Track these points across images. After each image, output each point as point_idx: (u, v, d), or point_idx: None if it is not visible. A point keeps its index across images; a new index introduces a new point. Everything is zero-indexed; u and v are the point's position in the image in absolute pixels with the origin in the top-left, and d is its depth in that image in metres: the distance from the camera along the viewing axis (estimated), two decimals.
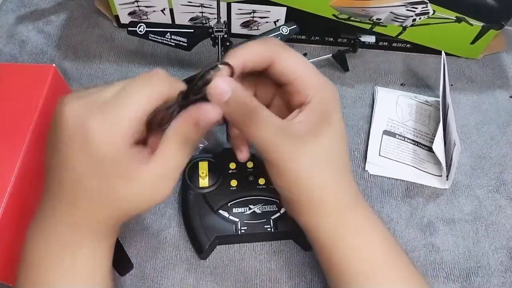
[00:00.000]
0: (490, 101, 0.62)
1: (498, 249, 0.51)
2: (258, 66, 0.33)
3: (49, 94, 0.50)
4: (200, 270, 0.48)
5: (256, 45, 0.33)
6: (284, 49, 0.33)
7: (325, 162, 0.32)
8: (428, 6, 0.58)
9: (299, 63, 0.33)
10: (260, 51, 0.32)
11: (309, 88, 0.32)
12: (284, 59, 0.32)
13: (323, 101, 0.32)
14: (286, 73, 0.32)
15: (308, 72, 0.32)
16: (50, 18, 0.68)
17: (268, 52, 0.32)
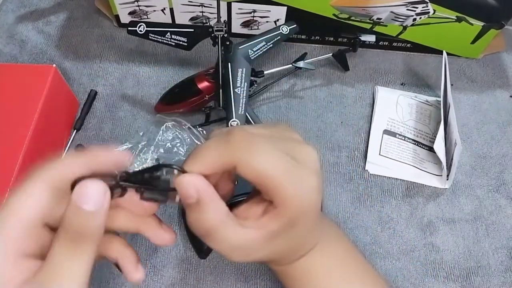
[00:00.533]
0: (490, 101, 0.62)
1: (498, 248, 0.51)
2: (221, 172, 0.29)
3: (49, 94, 0.50)
4: (200, 270, 0.48)
5: (213, 152, 0.28)
6: (247, 152, 0.27)
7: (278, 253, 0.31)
8: (428, 5, 0.58)
9: (267, 169, 0.27)
10: (217, 159, 0.28)
11: (278, 197, 0.28)
12: (247, 166, 0.27)
13: (292, 210, 0.28)
14: (251, 180, 0.28)
15: (278, 179, 0.27)
16: (50, 18, 0.68)
17: (228, 158, 0.27)
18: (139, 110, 0.59)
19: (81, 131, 0.57)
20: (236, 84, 0.49)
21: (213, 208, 0.28)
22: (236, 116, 0.47)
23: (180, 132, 0.54)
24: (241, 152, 0.27)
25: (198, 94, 0.54)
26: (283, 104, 0.61)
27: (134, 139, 0.54)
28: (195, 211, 0.28)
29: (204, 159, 0.28)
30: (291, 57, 0.63)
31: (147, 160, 0.52)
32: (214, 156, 0.28)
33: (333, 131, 0.59)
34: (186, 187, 0.27)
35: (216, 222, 0.28)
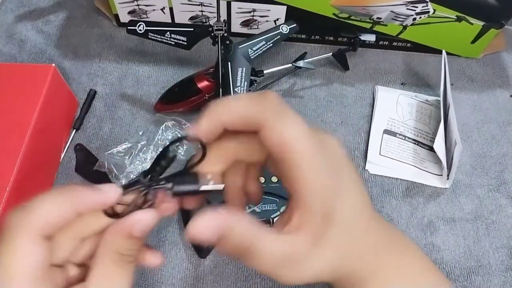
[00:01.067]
0: (490, 100, 0.62)
1: (499, 248, 0.51)
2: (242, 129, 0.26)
3: (49, 94, 0.50)
4: (200, 269, 0.48)
5: (244, 103, 0.26)
6: (278, 116, 0.25)
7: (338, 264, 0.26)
8: (428, 5, 0.58)
9: (291, 139, 0.24)
10: (245, 112, 0.25)
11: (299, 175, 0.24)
12: (274, 131, 0.24)
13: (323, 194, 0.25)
14: (271, 149, 0.25)
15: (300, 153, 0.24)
16: (49, 18, 0.67)
17: (256, 116, 0.25)
18: (138, 109, 0.59)
19: (80, 131, 0.57)
20: (236, 84, 0.49)
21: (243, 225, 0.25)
22: None
23: (179, 132, 0.54)
24: (274, 113, 0.25)
25: (198, 93, 0.54)
26: None
27: (133, 138, 0.53)
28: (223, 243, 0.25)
29: (226, 109, 0.26)
30: (291, 57, 0.63)
31: (146, 160, 0.52)
32: (243, 107, 0.25)
33: (333, 131, 0.58)
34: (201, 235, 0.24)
35: (249, 237, 0.25)
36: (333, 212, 0.25)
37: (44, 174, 0.51)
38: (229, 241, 0.25)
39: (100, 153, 0.54)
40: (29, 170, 0.46)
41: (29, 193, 0.47)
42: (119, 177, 0.50)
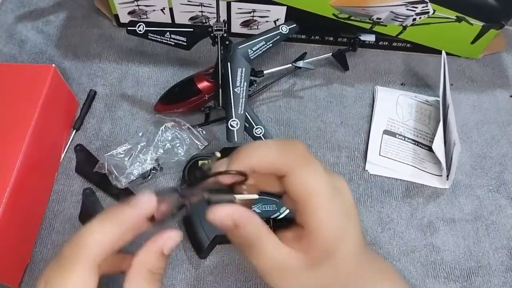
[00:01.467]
0: (490, 101, 0.62)
1: (499, 248, 0.51)
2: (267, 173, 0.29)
3: (49, 94, 0.50)
4: (200, 270, 0.48)
5: (272, 150, 0.29)
6: (301, 164, 0.28)
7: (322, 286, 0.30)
8: (428, 5, 0.58)
9: (314, 188, 0.28)
10: (274, 159, 0.28)
11: (318, 217, 0.28)
12: (297, 178, 0.28)
13: (328, 236, 0.28)
14: (294, 193, 0.28)
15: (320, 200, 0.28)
16: (49, 18, 0.67)
17: (282, 163, 0.28)
18: (138, 110, 0.59)
19: (80, 131, 0.57)
20: (235, 84, 0.49)
21: (252, 225, 0.29)
22: (236, 116, 0.47)
23: (179, 132, 0.54)
24: (300, 162, 0.28)
25: (198, 94, 0.54)
26: (283, 104, 0.61)
27: (133, 139, 0.53)
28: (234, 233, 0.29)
29: (262, 153, 0.28)
30: (290, 57, 0.63)
31: (146, 161, 0.52)
32: (272, 156, 0.28)
33: (333, 131, 0.58)
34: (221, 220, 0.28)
35: (258, 235, 0.28)
36: (335, 252, 0.28)
37: (44, 174, 0.51)
38: (239, 233, 0.28)
39: (100, 153, 0.54)
40: (29, 170, 0.46)
41: (29, 193, 0.47)
42: (119, 178, 0.50)
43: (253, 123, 0.50)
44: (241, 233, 0.28)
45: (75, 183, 0.53)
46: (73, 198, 0.52)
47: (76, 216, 0.50)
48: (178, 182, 0.53)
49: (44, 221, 0.50)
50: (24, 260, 0.47)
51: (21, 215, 0.46)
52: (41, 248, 0.49)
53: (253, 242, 0.28)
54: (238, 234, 0.29)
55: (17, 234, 0.46)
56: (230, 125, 0.47)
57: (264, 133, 0.49)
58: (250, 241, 0.28)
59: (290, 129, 0.58)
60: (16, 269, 0.46)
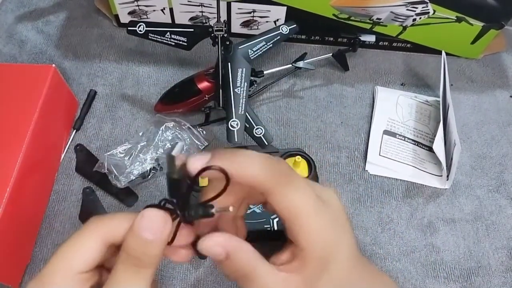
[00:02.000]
0: (490, 101, 0.62)
1: (499, 249, 0.51)
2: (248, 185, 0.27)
3: (49, 94, 0.50)
4: (200, 270, 0.48)
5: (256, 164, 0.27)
6: (285, 181, 0.27)
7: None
8: (428, 5, 0.58)
9: (299, 206, 0.27)
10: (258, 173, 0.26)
11: (304, 237, 0.27)
12: (281, 197, 0.27)
13: (319, 250, 0.28)
14: (280, 212, 0.27)
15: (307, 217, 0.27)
16: (49, 18, 0.67)
17: (267, 180, 0.27)
18: (138, 110, 0.59)
19: (80, 131, 0.57)
20: (236, 84, 0.49)
21: (244, 253, 0.27)
22: (236, 116, 0.47)
23: (179, 132, 0.54)
24: (283, 180, 0.27)
25: (198, 94, 0.54)
26: (283, 104, 0.61)
27: (133, 139, 0.54)
28: (227, 264, 0.27)
29: (243, 162, 0.27)
30: (291, 57, 0.63)
31: (146, 160, 0.52)
32: (255, 169, 0.27)
33: (333, 131, 0.58)
34: (211, 249, 0.27)
35: (252, 265, 0.27)
36: (328, 265, 0.28)
37: (44, 174, 0.51)
38: (232, 263, 0.27)
39: (100, 153, 0.54)
40: (29, 170, 0.46)
41: (29, 193, 0.47)
42: (119, 178, 0.50)
43: (253, 123, 0.50)
44: (234, 264, 0.27)
45: (75, 182, 0.53)
46: (73, 197, 0.52)
47: (76, 216, 0.50)
48: None
49: (44, 221, 0.50)
50: (24, 260, 0.47)
51: (21, 215, 0.46)
52: (41, 248, 0.49)
53: (247, 273, 0.27)
54: (230, 265, 0.27)
55: (17, 234, 0.46)
56: (231, 125, 0.47)
57: (264, 133, 0.49)
58: (244, 272, 0.27)
59: (290, 129, 0.58)
60: (16, 269, 0.46)
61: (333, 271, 0.28)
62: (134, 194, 0.52)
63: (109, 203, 0.51)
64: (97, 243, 0.26)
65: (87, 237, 0.27)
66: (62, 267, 0.26)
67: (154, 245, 0.26)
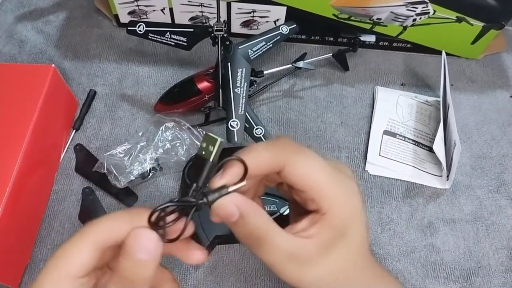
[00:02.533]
0: (490, 101, 0.62)
1: (499, 249, 0.51)
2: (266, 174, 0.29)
3: (48, 94, 0.50)
4: (200, 270, 0.48)
5: (263, 151, 0.28)
6: (296, 154, 0.28)
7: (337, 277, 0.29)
8: (428, 6, 0.58)
9: (314, 172, 0.28)
10: (267, 159, 0.28)
11: (325, 201, 0.28)
12: (295, 168, 0.28)
13: (340, 214, 0.28)
14: (297, 183, 0.28)
15: (324, 182, 0.28)
16: (49, 18, 0.67)
17: (277, 160, 0.28)
18: (138, 110, 0.59)
19: (80, 131, 0.57)
20: (236, 84, 0.49)
21: (258, 215, 0.28)
22: (236, 116, 0.47)
23: (179, 132, 0.54)
24: (292, 153, 0.28)
25: (198, 94, 0.54)
26: (283, 104, 0.61)
27: (133, 139, 0.53)
28: (241, 225, 0.27)
29: (253, 157, 0.28)
30: (291, 57, 0.63)
31: (146, 161, 0.52)
32: (264, 156, 0.28)
33: (333, 131, 0.58)
34: (226, 207, 0.27)
35: (265, 227, 0.27)
36: (345, 234, 0.28)
37: (44, 174, 0.51)
38: (246, 225, 0.27)
39: (100, 153, 0.54)
40: (29, 170, 0.46)
41: (29, 193, 0.47)
42: (119, 178, 0.50)
43: (253, 124, 0.50)
44: (248, 224, 0.27)
45: (75, 182, 0.53)
46: (72, 197, 0.52)
47: (76, 216, 0.50)
48: (178, 184, 0.53)
49: (44, 221, 0.50)
50: (24, 260, 0.47)
51: (21, 215, 0.46)
52: (41, 248, 0.49)
53: (261, 233, 0.27)
54: (244, 226, 0.27)
55: (17, 234, 0.45)
56: (230, 125, 0.47)
57: (264, 134, 0.49)
58: (259, 233, 0.27)
59: (290, 129, 0.58)
60: (16, 269, 0.46)
61: (348, 241, 0.28)
62: (134, 194, 0.52)
63: (109, 203, 0.51)
64: (92, 248, 0.26)
65: (81, 243, 0.27)
66: (57, 273, 0.26)
67: (148, 265, 0.25)
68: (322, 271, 0.28)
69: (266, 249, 0.27)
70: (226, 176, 0.27)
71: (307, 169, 0.28)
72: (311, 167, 0.28)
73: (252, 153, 0.28)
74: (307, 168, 0.28)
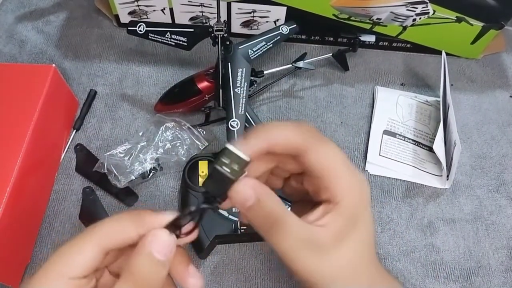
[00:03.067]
0: (490, 101, 0.62)
1: (499, 249, 0.51)
2: (284, 153, 0.29)
3: (49, 94, 0.50)
4: (200, 270, 0.48)
5: (288, 130, 0.29)
6: (318, 141, 0.29)
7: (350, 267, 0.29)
8: (428, 6, 0.58)
9: (332, 160, 0.29)
10: (291, 138, 0.29)
11: (339, 189, 0.28)
12: (316, 153, 0.29)
13: (353, 204, 0.29)
14: (315, 168, 0.29)
15: (341, 171, 0.29)
16: (49, 18, 0.67)
17: (300, 142, 0.29)
18: (138, 109, 0.59)
19: (80, 131, 0.57)
20: (236, 84, 0.49)
21: (274, 199, 0.28)
22: (236, 116, 0.47)
23: (180, 132, 0.54)
24: (316, 139, 0.29)
25: (198, 94, 0.54)
26: (283, 104, 0.61)
27: (133, 139, 0.53)
28: (257, 209, 0.28)
29: (273, 134, 0.29)
30: (291, 57, 0.63)
31: (146, 160, 0.52)
32: (284, 135, 0.29)
33: (333, 131, 0.58)
34: (243, 191, 0.27)
35: (281, 211, 0.28)
36: (357, 224, 0.29)
37: (44, 174, 0.51)
38: (262, 209, 0.27)
39: (100, 153, 0.54)
40: (30, 170, 0.46)
41: (30, 193, 0.47)
42: (119, 178, 0.50)
43: (253, 123, 0.50)
44: (264, 209, 0.27)
45: (75, 182, 0.53)
46: (73, 197, 0.52)
47: (76, 216, 0.50)
48: (178, 181, 0.53)
49: (44, 221, 0.50)
50: (24, 260, 0.47)
51: (21, 215, 0.46)
52: (41, 248, 0.49)
53: (277, 219, 0.27)
54: (260, 210, 0.27)
55: (17, 234, 0.46)
56: (231, 125, 0.47)
57: None
58: (274, 218, 0.27)
59: None
60: (16, 269, 0.46)
61: (359, 232, 0.29)
62: (134, 194, 0.52)
63: (109, 203, 0.51)
64: (94, 251, 0.26)
65: (84, 244, 0.27)
66: (56, 272, 0.26)
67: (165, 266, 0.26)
68: (337, 261, 0.28)
69: (282, 234, 0.27)
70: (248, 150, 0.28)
71: (328, 156, 0.29)
72: (332, 156, 0.29)
73: (278, 129, 0.29)
74: (329, 156, 0.29)
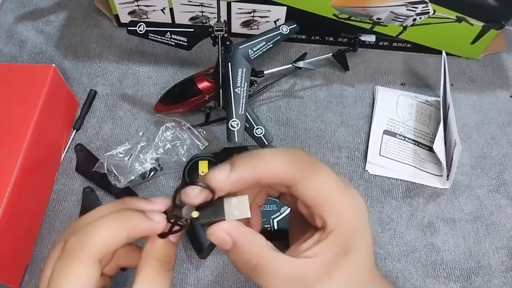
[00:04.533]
0: (490, 101, 0.62)
1: (499, 249, 0.51)
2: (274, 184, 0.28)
3: (49, 94, 0.50)
4: (200, 270, 0.48)
5: (278, 160, 0.27)
6: (309, 170, 0.27)
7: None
8: (428, 5, 0.58)
9: (325, 190, 0.27)
10: (281, 169, 0.27)
11: (332, 218, 0.27)
12: (307, 184, 0.27)
13: (346, 232, 0.27)
14: (307, 199, 0.27)
15: (334, 200, 0.27)
16: (49, 18, 0.67)
17: (291, 173, 0.27)
18: (138, 109, 0.59)
19: (80, 131, 0.57)
20: (236, 84, 0.49)
21: (254, 242, 0.27)
22: (236, 116, 0.47)
23: (180, 132, 0.54)
24: (307, 170, 0.27)
25: (198, 94, 0.54)
26: (283, 104, 0.61)
27: (133, 139, 0.53)
28: (235, 253, 0.27)
29: (262, 164, 0.27)
30: (291, 57, 0.63)
31: (146, 161, 0.52)
32: (278, 166, 0.27)
33: (333, 131, 0.58)
34: (217, 235, 0.26)
35: (262, 254, 0.26)
36: (350, 252, 0.27)
37: (44, 174, 0.51)
38: (240, 254, 0.26)
39: (100, 153, 0.54)
40: (30, 170, 0.46)
41: (30, 193, 0.47)
42: (119, 178, 0.50)
43: (253, 123, 0.50)
44: (243, 253, 0.26)
45: (75, 182, 0.53)
46: (73, 197, 0.52)
47: (76, 215, 0.50)
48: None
49: (45, 221, 0.50)
50: (24, 260, 0.47)
51: (22, 214, 0.46)
52: (41, 248, 0.49)
53: (258, 264, 0.26)
54: (239, 255, 0.26)
55: (17, 234, 0.46)
56: (231, 125, 0.47)
57: (264, 133, 0.49)
58: (256, 262, 0.26)
59: (290, 129, 0.58)
60: (16, 269, 0.46)
61: (352, 260, 0.27)
62: (134, 194, 0.52)
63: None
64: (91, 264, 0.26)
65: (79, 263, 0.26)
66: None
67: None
68: None
69: (266, 276, 0.26)
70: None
71: (320, 186, 0.27)
72: (324, 185, 0.27)
73: (267, 160, 0.27)
74: (320, 186, 0.27)
